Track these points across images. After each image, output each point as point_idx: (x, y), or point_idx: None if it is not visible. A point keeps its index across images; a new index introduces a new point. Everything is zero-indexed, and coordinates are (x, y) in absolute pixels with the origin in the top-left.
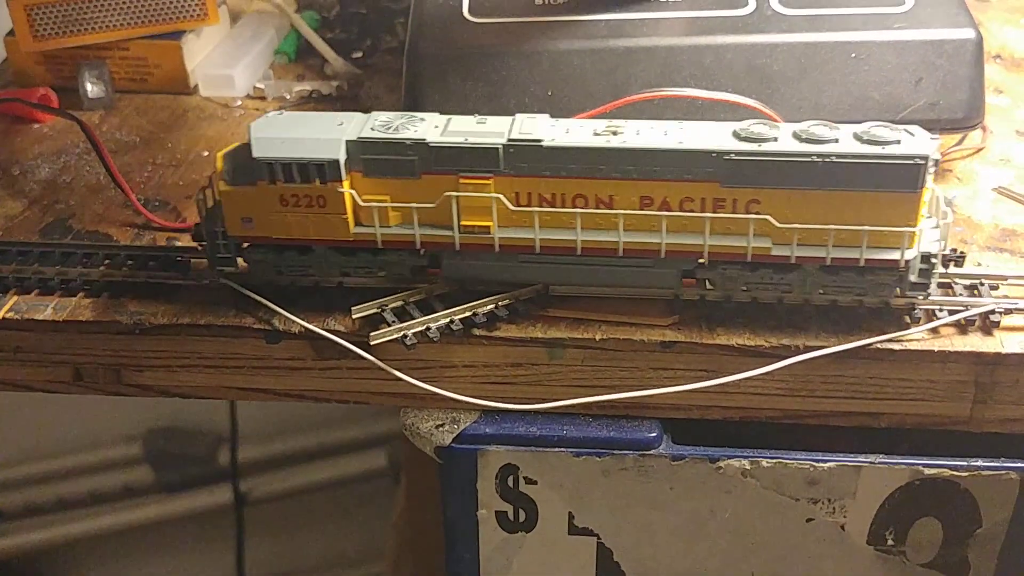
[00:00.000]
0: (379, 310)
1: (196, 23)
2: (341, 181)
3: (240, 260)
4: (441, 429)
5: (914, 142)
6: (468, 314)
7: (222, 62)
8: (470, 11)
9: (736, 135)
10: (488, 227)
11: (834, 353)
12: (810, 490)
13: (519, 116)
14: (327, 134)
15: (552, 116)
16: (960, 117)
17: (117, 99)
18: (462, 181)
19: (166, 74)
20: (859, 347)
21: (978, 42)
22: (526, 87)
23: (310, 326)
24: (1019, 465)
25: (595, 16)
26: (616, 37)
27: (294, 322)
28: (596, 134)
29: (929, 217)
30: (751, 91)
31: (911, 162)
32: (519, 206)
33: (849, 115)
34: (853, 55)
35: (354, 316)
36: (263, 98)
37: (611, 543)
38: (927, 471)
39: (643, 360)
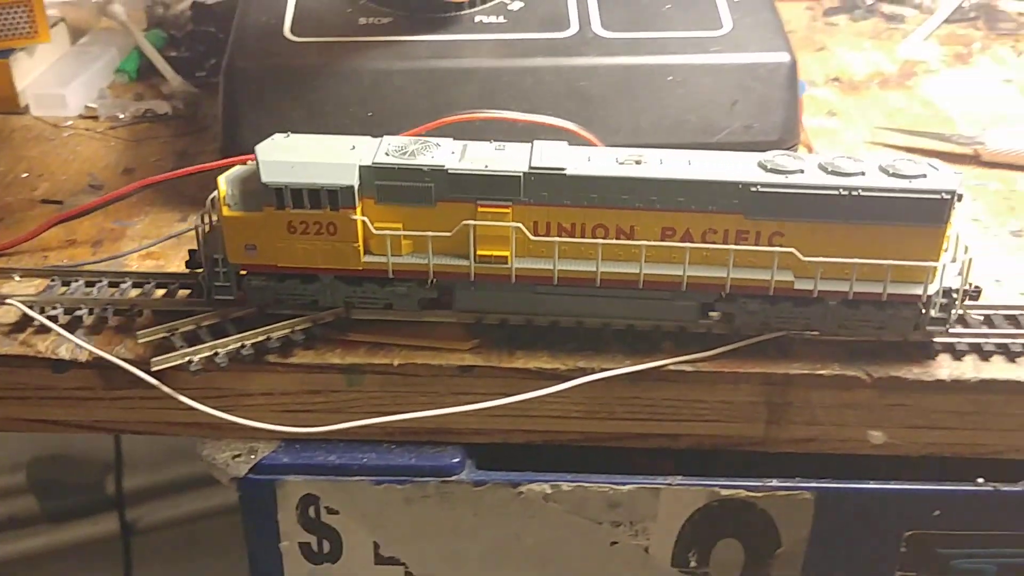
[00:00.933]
0: (168, 334)
1: (26, 41)
2: (354, 208)
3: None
4: (238, 460)
5: (940, 176)
6: (261, 339)
7: (54, 81)
8: (291, 30)
9: (762, 166)
10: (505, 257)
11: (628, 374)
12: (612, 513)
13: (537, 143)
14: (340, 159)
15: (371, 135)
16: (775, 139)
17: None
18: (480, 209)
19: None
20: (653, 368)
21: (791, 65)
22: (345, 106)
23: (99, 352)
24: (813, 484)
25: (417, 37)
26: (437, 58)
27: (82, 348)
28: (619, 163)
29: (947, 252)
30: (571, 113)
31: (938, 196)
32: (538, 235)
33: (667, 137)
34: (670, 78)
35: (139, 340)
36: (95, 118)
37: (418, 571)
38: (724, 492)
39: (443, 385)
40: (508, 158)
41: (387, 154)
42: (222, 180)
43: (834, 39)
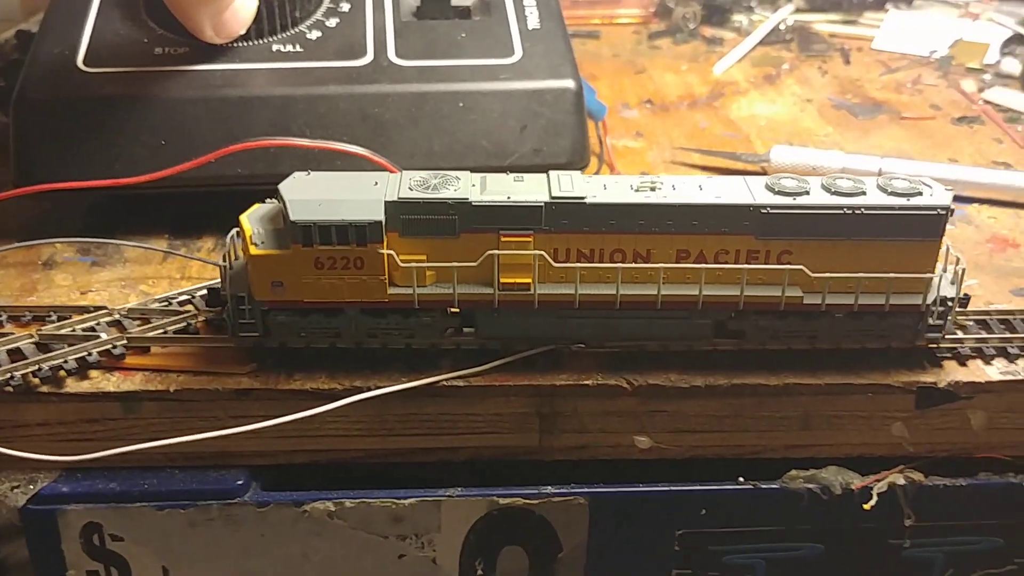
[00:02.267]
0: None
1: None
2: (381, 242)
3: None
4: (16, 491)
5: (934, 193)
6: (33, 368)
7: None
8: (84, 61)
9: (770, 189)
10: (528, 283)
11: (402, 391)
12: (397, 527)
13: (553, 173)
14: (365, 195)
15: (166, 165)
16: (564, 161)
17: None
18: (503, 239)
19: None
20: (426, 384)
21: (577, 91)
22: (137, 136)
23: None
24: (585, 490)
25: (212, 67)
26: (231, 87)
27: None
28: (635, 190)
29: (940, 263)
30: (365, 139)
31: (934, 212)
32: (559, 262)
33: (460, 161)
34: (461, 104)
35: None
36: None
37: None
38: (502, 501)
39: (221, 409)
40: (528, 189)
41: (411, 188)
42: (245, 219)
43: (654, 62)
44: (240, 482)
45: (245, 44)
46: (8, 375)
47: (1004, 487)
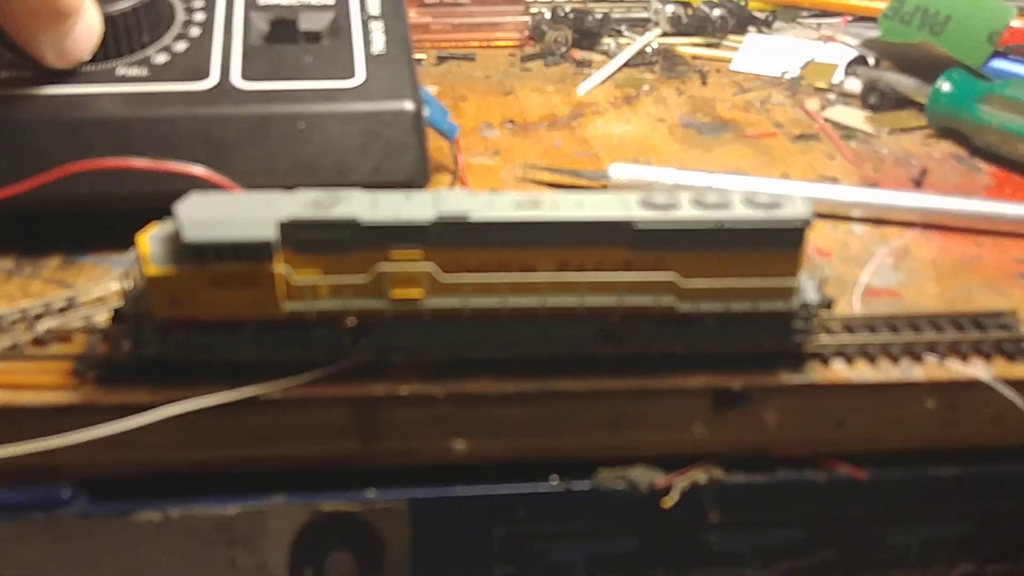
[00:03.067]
0: None
1: None
2: (271, 260)
3: None
4: None
5: (795, 206)
6: None
7: None
8: None
9: (643, 204)
10: (418, 297)
11: (221, 405)
12: (224, 534)
13: (441, 190)
14: (258, 214)
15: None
16: (404, 179)
17: None
18: (394, 255)
19: None
20: (244, 399)
21: (416, 113)
22: None
23: None
24: (406, 494)
25: (57, 90)
26: (74, 110)
27: None
28: (518, 207)
29: (804, 271)
30: (208, 159)
31: (794, 225)
32: (447, 274)
33: (303, 180)
34: (302, 125)
35: None
36: None
37: None
38: (325, 506)
39: (47, 423)
40: (416, 207)
41: (303, 208)
42: (143, 239)
43: (523, 84)
44: (67, 494)
45: (91, 68)
46: None
47: (803, 482)
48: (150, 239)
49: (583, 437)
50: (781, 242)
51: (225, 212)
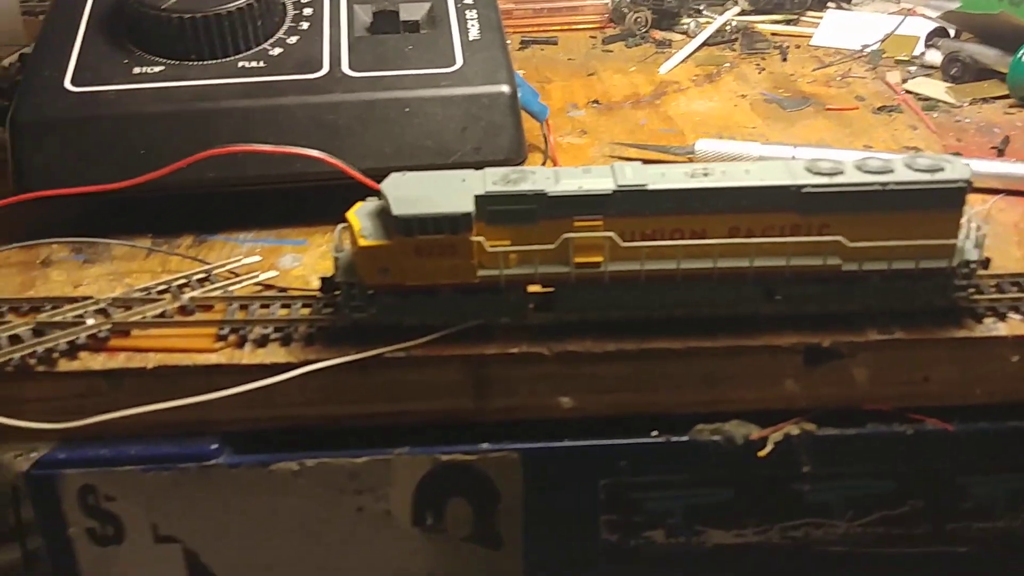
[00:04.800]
0: None
1: None
2: (471, 231)
3: None
4: (19, 458)
5: (955, 168)
6: (30, 351)
7: None
8: (72, 81)
9: (809, 170)
10: (599, 262)
11: (351, 362)
12: (353, 483)
13: (617, 164)
14: (456, 190)
15: (146, 173)
16: (502, 159)
17: None
18: (576, 224)
19: None
20: (371, 357)
21: (512, 95)
22: (120, 150)
23: None
24: (517, 446)
25: (184, 83)
26: (200, 101)
27: None
28: (690, 176)
29: (963, 230)
30: (321, 143)
31: (956, 185)
32: (625, 243)
33: (408, 161)
34: (407, 110)
35: None
36: None
37: (194, 547)
38: (444, 457)
39: (194, 381)
40: (595, 180)
41: (494, 183)
42: (352, 215)
43: (606, 65)
44: (214, 446)
45: (215, 62)
46: (8, 357)
47: (890, 436)
48: (358, 215)
49: (681, 393)
50: (943, 202)
51: (425, 190)
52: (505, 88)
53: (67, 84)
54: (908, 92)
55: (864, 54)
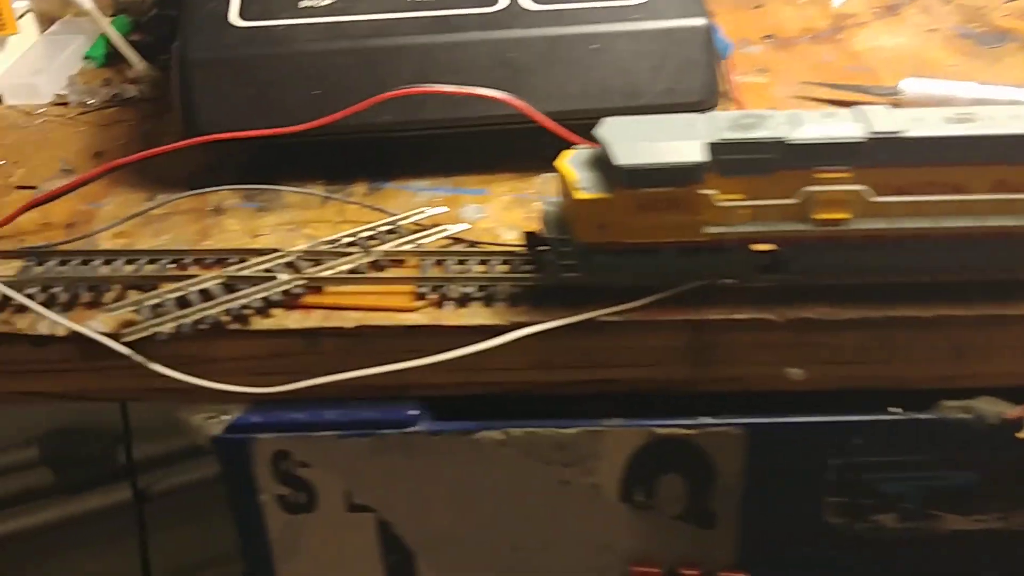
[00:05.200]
0: (136, 308)
1: None
2: (700, 182)
3: None
4: (212, 421)
5: None
6: (224, 308)
7: (26, 71)
8: (240, 15)
9: None
10: (845, 219)
11: (562, 327)
12: (561, 454)
13: (861, 107)
14: (684, 137)
15: (320, 114)
16: (696, 100)
17: None
18: (818, 175)
19: None
20: (584, 320)
21: (707, 29)
22: (292, 88)
23: (74, 326)
24: (742, 421)
25: (356, 17)
26: (376, 37)
27: (59, 326)
28: (949, 122)
29: None
30: (501, 83)
31: None
32: (877, 197)
33: (594, 102)
34: (594, 46)
35: (110, 315)
36: (66, 104)
37: (388, 516)
38: (660, 431)
39: (394, 343)
40: (842, 125)
41: (728, 129)
42: (565, 165)
43: None
44: (415, 412)
45: None
46: (202, 315)
47: None
48: (570, 165)
49: (923, 366)
50: None
51: (648, 136)
52: (700, 21)
53: (233, 19)
54: None
55: None
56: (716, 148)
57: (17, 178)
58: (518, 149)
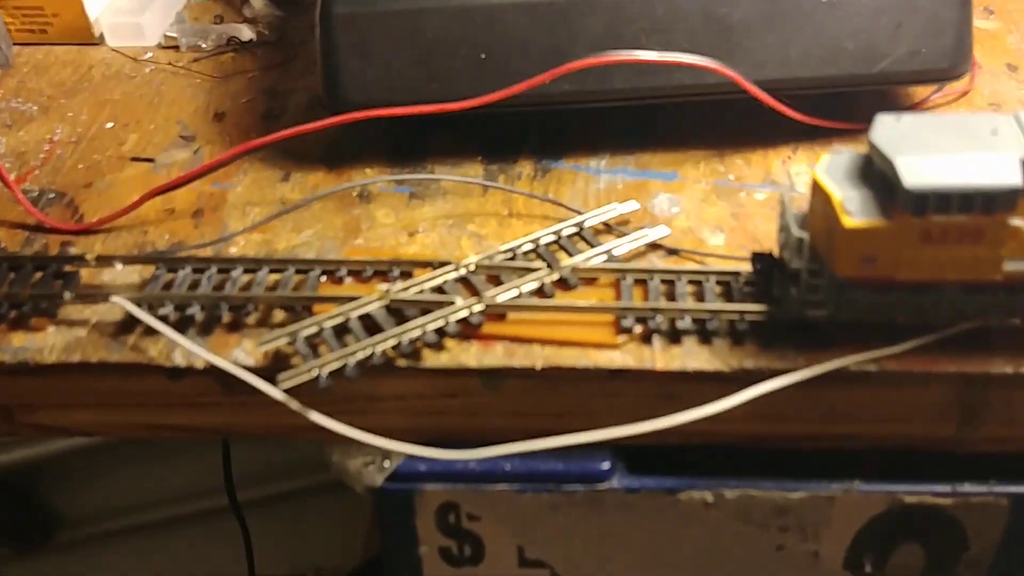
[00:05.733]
0: (290, 340)
1: None
2: (1014, 210)
3: None
4: (370, 468)
5: None
6: (393, 343)
7: (128, 7)
8: None
9: None
10: None
11: (802, 382)
12: (780, 519)
13: None
14: (990, 150)
15: (487, 82)
16: (945, 67)
17: (16, 54)
18: None
19: (66, 24)
20: (830, 371)
21: None
22: (456, 49)
23: (217, 361)
24: (1009, 489)
25: None
26: None
27: (197, 356)
28: None
29: None
30: (709, 45)
31: None
32: None
33: (819, 69)
34: (824, 0)
35: (260, 349)
36: (176, 47)
37: (565, 574)
38: (908, 498)
39: (590, 387)
40: None
41: None
42: (824, 176)
43: None
44: (606, 465)
45: None
46: (370, 351)
47: None
48: (830, 176)
49: None
50: None
51: (939, 146)
52: None
53: None
54: None
55: None
56: None
57: (131, 146)
58: (713, 120)
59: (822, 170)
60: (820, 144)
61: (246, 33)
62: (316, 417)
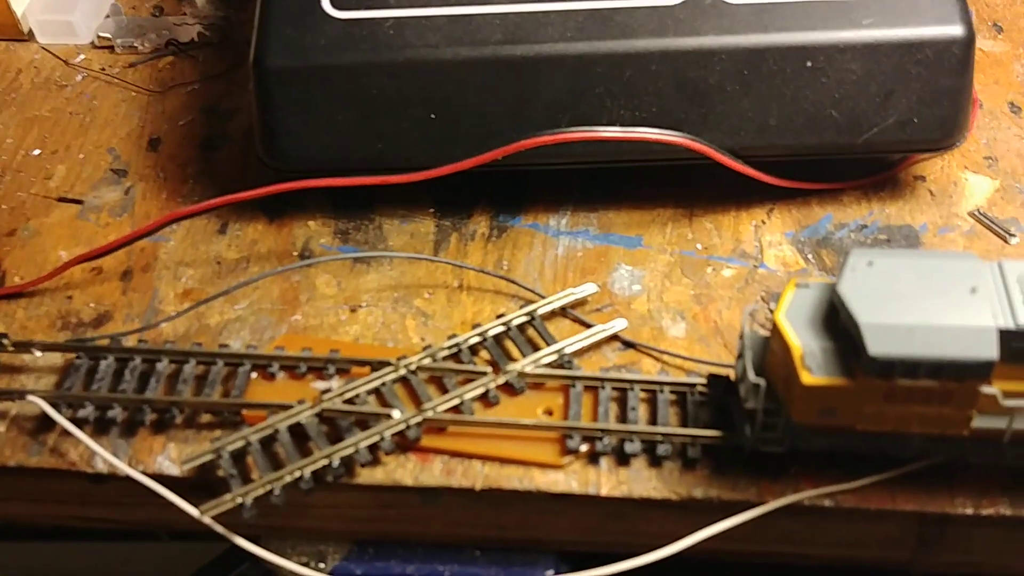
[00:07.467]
0: (215, 456)
1: None
2: (986, 380)
3: None
4: (307, 568)
5: None
6: (323, 463)
7: (57, 4)
8: (333, 3)
9: None
10: None
11: (756, 518)
12: None
13: None
14: (964, 316)
15: (438, 143)
16: (937, 138)
17: None
18: None
19: None
20: (789, 505)
21: (967, 42)
22: (404, 108)
23: (138, 477)
24: None
25: (487, 8)
26: (513, 43)
27: (117, 467)
28: None
29: None
30: (679, 110)
31: None
32: None
33: (799, 138)
34: (809, 63)
35: (184, 467)
36: (110, 48)
37: None
38: None
39: (532, 507)
40: None
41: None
42: (785, 322)
43: None
44: (549, 570)
45: None
46: (298, 474)
47: None
48: (790, 321)
49: None
50: None
51: (909, 302)
52: (958, 31)
53: (327, 7)
54: None
55: None
56: (1012, 336)
57: (58, 180)
58: (683, 177)
59: (783, 313)
60: (797, 205)
61: (186, 32)
62: (241, 542)
